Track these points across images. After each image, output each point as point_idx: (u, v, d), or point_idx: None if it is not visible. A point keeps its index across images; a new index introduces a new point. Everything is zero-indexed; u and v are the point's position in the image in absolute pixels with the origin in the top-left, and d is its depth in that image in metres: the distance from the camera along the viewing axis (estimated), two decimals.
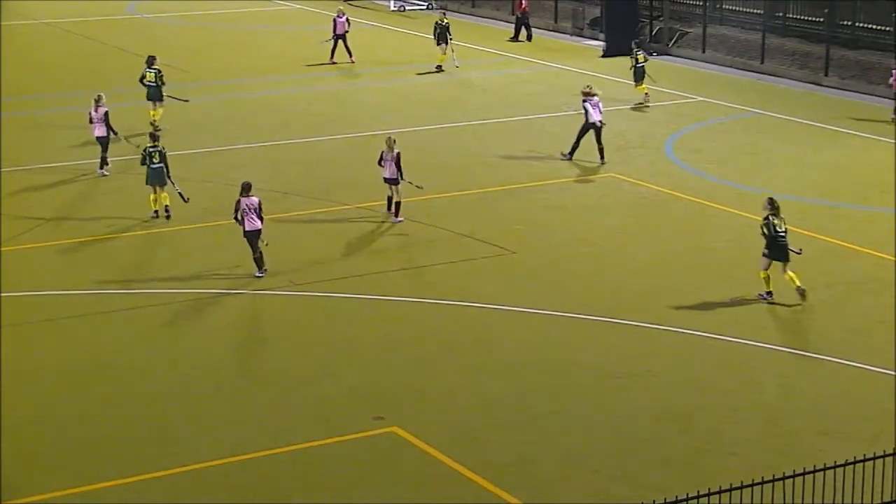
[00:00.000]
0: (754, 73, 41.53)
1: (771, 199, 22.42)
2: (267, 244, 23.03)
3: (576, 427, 17.42)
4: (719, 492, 8.74)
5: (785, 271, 21.89)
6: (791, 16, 43.76)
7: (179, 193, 26.27)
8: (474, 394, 18.52)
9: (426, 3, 55.58)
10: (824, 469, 8.94)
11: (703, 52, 44.43)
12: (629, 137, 33.62)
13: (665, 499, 8.64)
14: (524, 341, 20.53)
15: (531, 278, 23.36)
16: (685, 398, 18.29)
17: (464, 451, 16.54)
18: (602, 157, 30.76)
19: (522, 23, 48.67)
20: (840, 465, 8.94)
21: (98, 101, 29.41)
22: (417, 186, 26.52)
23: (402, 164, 25.90)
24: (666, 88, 39.32)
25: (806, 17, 43.19)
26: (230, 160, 31.25)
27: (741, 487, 8.65)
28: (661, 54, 45.00)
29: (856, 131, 34.17)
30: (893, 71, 35.52)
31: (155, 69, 33.96)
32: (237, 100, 38.33)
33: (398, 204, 26.20)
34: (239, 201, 22.88)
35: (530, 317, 21.43)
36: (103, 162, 29.67)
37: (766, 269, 21.98)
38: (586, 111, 30.73)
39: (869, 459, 9.05)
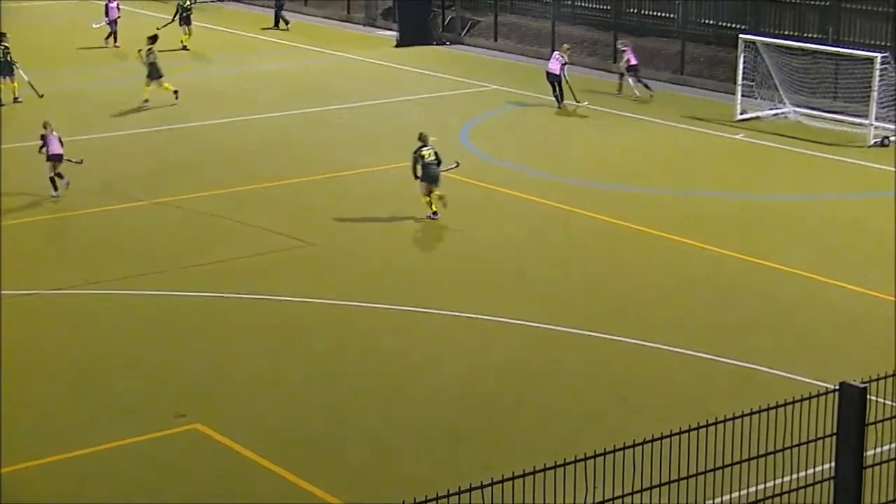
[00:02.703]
0: (546, 61, 42.11)
1: (421, 133, 26.06)
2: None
3: (381, 415, 17.47)
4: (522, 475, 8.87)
5: (434, 190, 25.56)
6: (580, 4, 44.57)
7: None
8: (278, 388, 18.41)
9: None
10: (623, 448, 9.14)
11: (496, 40, 44.94)
12: (424, 126, 33.74)
13: (470, 484, 8.71)
14: (326, 332, 20.48)
15: (330, 269, 23.33)
16: (484, 383, 18.49)
17: (269, 446, 16.43)
18: (560, 102, 35.49)
19: (279, 7, 48.76)
20: (641, 444, 9.15)
21: None
22: (77, 162, 27.11)
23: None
24: (459, 77, 39.70)
25: (594, 6, 44.09)
26: None
27: (544, 470, 8.78)
28: (454, 43, 45.40)
29: (643, 116, 35.01)
30: (623, 49, 36.85)
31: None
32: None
33: (59, 174, 26.93)
34: None
35: (330, 307, 21.39)
36: None
37: (427, 194, 25.56)
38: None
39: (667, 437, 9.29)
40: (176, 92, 35.32)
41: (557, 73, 35.53)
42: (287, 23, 48.43)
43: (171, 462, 16.17)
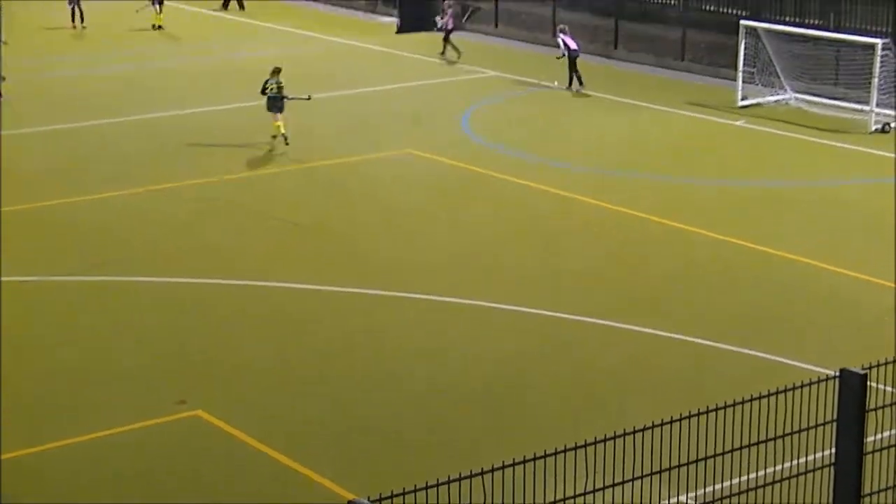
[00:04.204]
0: (546, 48, 42.10)
1: (274, 67, 29.60)
2: None
3: (382, 404, 17.47)
4: (522, 462, 8.88)
5: (276, 120, 29.36)
6: None
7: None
8: (279, 374, 18.41)
9: None
10: (624, 435, 9.15)
11: (496, 27, 44.89)
12: (425, 113, 33.81)
13: (472, 470, 8.72)
14: (326, 319, 20.49)
15: (330, 256, 23.32)
16: (484, 370, 18.50)
17: (270, 433, 16.44)
18: (580, 84, 35.94)
19: None
20: (641, 430, 9.15)
21: None
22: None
23: None
24: (460, 63, 39.67)
25: None
26: None
27: (544, 456, 8.79)
28: (455, 30, 45.29)
29: (644, 102, 34.99)
30: (443, 11, 38.59)
31: None
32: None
33: None
34: None
35: (331, 294, 21.40)
36: None
37: (275, 121, 29.29)
38: (565, 44, 35.86)
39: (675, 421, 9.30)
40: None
41: (579, 51, 36.26)
42: (242, 6, 49.06)
43: (173, 449, 16.18)
